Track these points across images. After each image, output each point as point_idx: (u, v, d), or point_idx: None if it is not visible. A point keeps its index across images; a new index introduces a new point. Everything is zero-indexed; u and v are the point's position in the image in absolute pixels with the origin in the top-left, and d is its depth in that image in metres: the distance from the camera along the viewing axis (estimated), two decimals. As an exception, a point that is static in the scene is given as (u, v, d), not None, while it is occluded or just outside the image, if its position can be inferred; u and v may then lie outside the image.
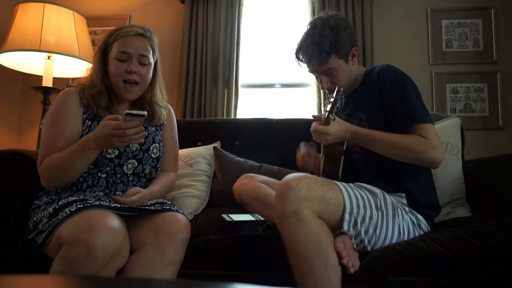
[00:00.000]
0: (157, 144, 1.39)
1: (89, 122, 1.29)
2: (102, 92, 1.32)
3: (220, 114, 2.57)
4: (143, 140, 1.20)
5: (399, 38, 2.67)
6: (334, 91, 1.20)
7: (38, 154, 1.27)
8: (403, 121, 1.28)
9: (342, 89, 1.18)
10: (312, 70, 1.42)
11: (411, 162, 1.27)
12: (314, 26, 1.38)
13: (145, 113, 1.14)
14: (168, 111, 1.50)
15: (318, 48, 1.34)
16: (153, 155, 1.37)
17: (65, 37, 2.25)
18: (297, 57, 1.43)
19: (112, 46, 1.32)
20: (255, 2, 2.81)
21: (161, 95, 1.44)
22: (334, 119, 1.21)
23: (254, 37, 2.80)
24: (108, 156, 1.27)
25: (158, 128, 1.44)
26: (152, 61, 1.36)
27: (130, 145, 1.30)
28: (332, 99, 1.19)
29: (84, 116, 1.30)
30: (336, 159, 1.32)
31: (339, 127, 1.24)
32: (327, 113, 1.20)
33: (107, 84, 1.34)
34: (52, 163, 1.20)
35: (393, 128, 1.29)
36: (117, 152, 1.28)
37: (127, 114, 1.11)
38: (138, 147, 1.33)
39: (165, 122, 1.47)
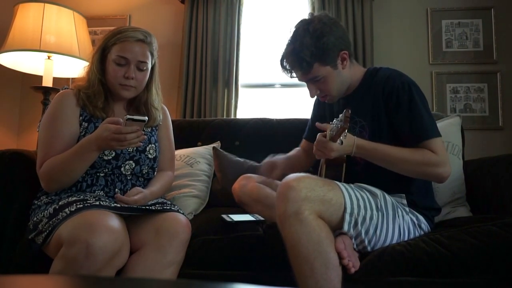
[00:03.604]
0: (153, 145, 1.39)
1: (86, 124, 1.29)
2: (100, 92, 1.32)
3: (220, 114, 2.57)
4: (141, 143, 1.20)
5: (399, 38, 2.67)
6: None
7: (37, 157, 1.27)
8: (411, 136, 1.24)
9: (350, 112, 1.09)
10: (298, 79, 1.36)
11: (419, 177, 1.25)
12: (295, 33, 1.31)
13: (146, 118, 1.15)
14: (163, 111, 1.50)
15: (298, 58, 1.28)
16: (149, 156, 1.37)
17: (65, 37, 2.25)
18: (282, 66, 1.37)
19: (112, 48, 1.31)
20: (255, 2, 2.81)
21: (156, 97, 1.44)
22: (342, 143, 1.16)
23: (254, 37, 2.80)
24: (105, 158, 1.27)
25: (153, 128, 1.44)
26: (149, 66, 1.36)
27: None
28: (340, 123, 1.11)
29: (81, 118, 1.30)
30: (338, 165, 1.29)
31: (345, 143, 1.18)
32: (333, 134, 1.14)
33: (104, 84, 1.34)
34: (52, 166, 1.20)
35: (397, 138, 1.26)
36: (114, 153, 1.28)
37: (129, 119, 1.12)
38: (135, 149, 1.33)
39: (160, 123, 1.47)
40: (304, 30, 1.29)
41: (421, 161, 1.20)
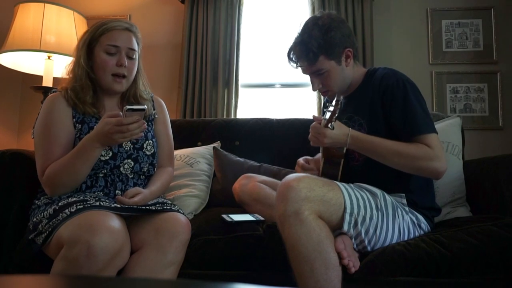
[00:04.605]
0: (150, 141, 1.38)
1: (79, 126, 1.29)
2: (87, 85, 1.31)
3: (220, 114, 2.57)
4: (143, 134, 1.20)
5: (399, 38, 2.67)
6: (332, 98, 1.18)
7: (36, 165, 1.25)
8: (405, 132, 1.25)
9: (341, 98, 1.15)
10: (302, 71, 1.40)
11: (414, 172, 1.25)
12: (305, 26, 1.36)
13: (145, 107, 1.16)
14: (159, 105, 1.50)
15: (305, 48, 1.32)
16: (147, 152, 1.36)
17: (65, 37, 2.25)
18: (288, 57, 1.41)
19: (99, 40, 1.31)
20: (255, 2, 2.81)
21: (144, 88, 1.43)
22: (333, 128, 1.19)
23: (254, 37, 2.80)
24: (103, 158, 1.26)
25: (149, 124, 1.43)
26: (137, 55, 1.36)
27: (123, 145, 1.30)
28: (331, 108, 1.16)
29: (74, 119, 1.29)
30: (335, 162, 1.30)
31: (338, 132, 1.22)
32: (325, 121, 1.18)
33: (93, 78, 1.33)
34: (56, 171, 1.19)
35: (393, 136, 1.26)
36: (110, 153, 1.27)
37: (128, 110, 1.12)
38: (131, 146, 1.33)
39: (156, 116, 1.46)
40: (313, 24, 1.34)
41: (415, 154, 1.21)
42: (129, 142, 1.32)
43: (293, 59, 1.39)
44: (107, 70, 1.30)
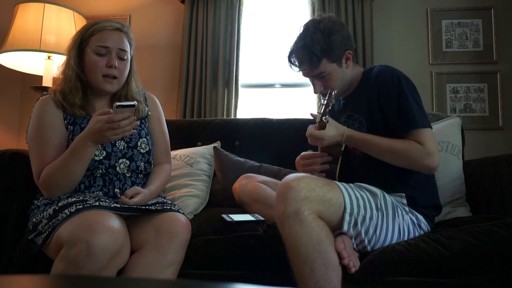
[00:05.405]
0: (144, 139, 1.38)
1: (71, 127, 1.28)
2: (77, 87, 1.30)
3: (220, 114, 2.57)
4: (135, 130, 1.19)
5: (399, 38, 2.67)
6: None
7: (32, 169, 1.25)
8: (400, 127, 1.27)
9: (335, 91, 1.18)
10: (304, 74, 1.41)
11: (408, 168, 1.27)
12: (306, 29, 1.37)
13: (135, 103, 1.15)
14: (152, 102, 1.49)
15: (308, 52, 1.33)
16: (142, 150, 1.35)
17: (65, 37, 2.25)
18: (289, 61, 1.42)
19: (89, 40, 1.29)
20: (255, 2, 2.81)
21: (136, 90, 1.42)
22: (328, 121, 1.21)
23: (254, 37, 2.80)
24: (97, 158, 1.25)
25: (143, 121, 1.42)
26: (129, 56, 1.35)
27: (117, 144, 1.30)
28: (324, 101, 1.20)
29: (66, 121, 1.29)
30: (334, 158, 1.32)
31: (335, 132, 1.24)
32: (320, 116, 1.21)
33: (83, 79, 1.32)
34: (51, 173, 1.19)
35: (391, 132, 1.28)
36: (104, 153, 1.27)
37: (118, 106, 1.12)
38: (126, 145, 1.32)
39: (149, 113, 1.45)
40: (315, 28, 1.35)
41: (407, 152, 1.23)
42: (122, 141, 1.32)
43: (295, 63, 1.40)
44: (97, 71, 1.28)
